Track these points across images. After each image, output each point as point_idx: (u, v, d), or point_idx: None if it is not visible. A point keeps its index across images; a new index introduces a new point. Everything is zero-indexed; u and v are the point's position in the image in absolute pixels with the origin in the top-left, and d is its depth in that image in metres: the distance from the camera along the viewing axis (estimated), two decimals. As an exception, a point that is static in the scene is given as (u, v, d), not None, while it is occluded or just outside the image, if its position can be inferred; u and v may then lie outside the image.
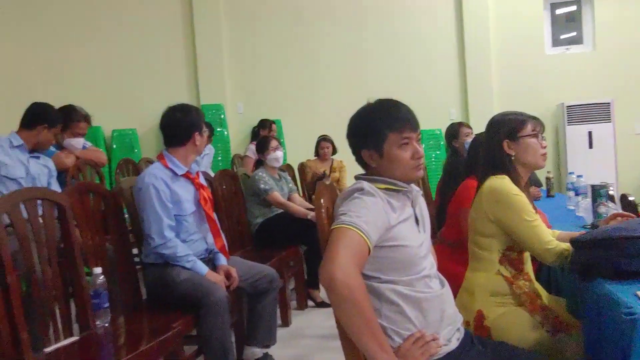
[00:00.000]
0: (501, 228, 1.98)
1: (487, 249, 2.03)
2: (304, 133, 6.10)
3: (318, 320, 3.88)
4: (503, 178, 2.02)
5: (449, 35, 7.02)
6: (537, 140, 2.06)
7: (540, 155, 2.07)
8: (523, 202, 1.97)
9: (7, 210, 2.08)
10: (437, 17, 7.03)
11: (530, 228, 1.93)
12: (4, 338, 1.93)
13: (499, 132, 2.08)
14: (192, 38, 7.07)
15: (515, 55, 6.93)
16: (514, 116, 2.10)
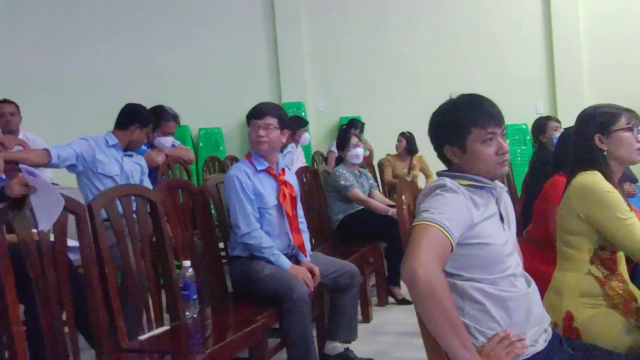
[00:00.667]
0: (592, 226, 1.90)
1: (576, 248, 1.95)
2: (383, 129, 6.08)
3: (399, 317, 3.86)
4: (594, 174, 1.93)
5: (535, 26, 6.77)
6: (631, 135, 1.95)
7: (635, 150, 1.96)
8: (616, 199, 1.87)
9: (105, 206, 2.21)
10: (523, 7, 6.78)
11: (624, 226, 1.83)
12: (103, 325, 2.06)
13: (590, 126, 1.99)
14: (274, 39, 7.22)
15: (608, 45, 6.57)
16: (606, 109, 2.00)
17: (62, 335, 1.94)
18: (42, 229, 1.92)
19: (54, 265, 1.94)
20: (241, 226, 2.70)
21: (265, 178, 2.83)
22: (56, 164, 3.18)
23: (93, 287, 2.06)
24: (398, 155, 5.94)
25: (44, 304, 1.89)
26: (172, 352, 2.15)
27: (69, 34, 7.06)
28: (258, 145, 2.80)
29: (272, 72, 7.28)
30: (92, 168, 3.26)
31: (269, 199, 2.80)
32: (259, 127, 2.78)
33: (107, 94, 6.58)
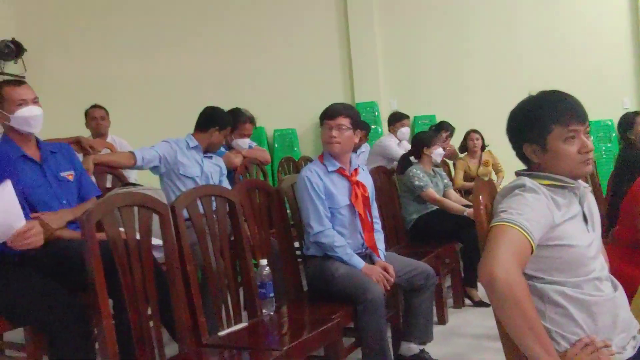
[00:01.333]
0: None
1: (667, 251, 1.85)
2: (458, 128, 5.96)
3: (475, 319, 3.79)
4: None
5: (620, 15, 6.44)
6: None
7: None
8: None
9: (187, 206, 2.30)
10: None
11: None
12: (185, 321, 2.15)
13: None
14: (347, 39, 7.24)
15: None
16: None
17: (148, 329, 2.03)
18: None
19: (139, 262, 2.04)
20: (313, 225, 2.73)
21: (337, 179, 2.85)
22: (140, 166, 3.34)
23: (176, 284, 2.15)
24: (471, 155, 5.82)
25: (130, 299, 1.99)
26: (250, 348, 2.20)
27: (152, 41, 7.36)
28: (330, 146, 2.82)
29: (345, 72, 7.30)
30: (174, 169, 3.40)
31: (341, 198, 2.81)
32: (331, 128, 2.80)
33: (188, 97, 6.81)
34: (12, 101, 2.46)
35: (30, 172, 2.48)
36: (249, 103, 6.16)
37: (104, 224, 1.96)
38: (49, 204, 2.44)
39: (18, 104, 2.46)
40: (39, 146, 2.58)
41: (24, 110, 2.46)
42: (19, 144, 2.50)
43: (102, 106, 4.92)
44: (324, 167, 2.84)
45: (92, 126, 4.88)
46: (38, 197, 2.43)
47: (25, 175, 2.44)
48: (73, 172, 2.62)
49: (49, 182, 2.51)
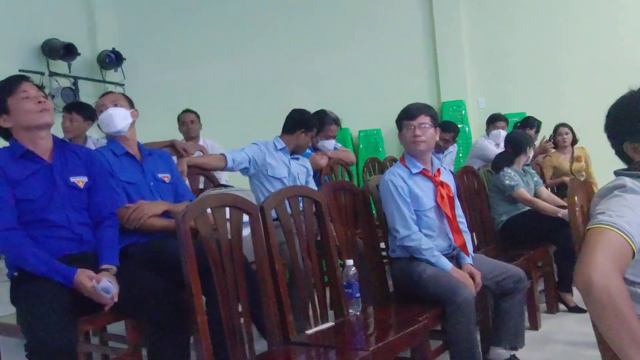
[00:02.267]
0: None
1: None
2: (550, 123, 5.72)
3: (570, 325, 3.62)
4: None
5: None
6: None
7: None
8: None
9: (275, 206, 2.36)
10: None
11: None
12: (274, 318, 2.20)
13: None
14: (432, 38, 7.14)
15: None
16: None
17: (239, 325, 2.10)
18: None
19: (231, 261, 2.12)
20: (399, 230, 2.72)
21: (421, 180, 2.82)
22: (231, 168, 3.46)
23: (265, 282, 2.21)
24: (560, 150, 5.55)
25: (223, 296, 2.07)
26: (337, 348, 2.22)
27: (239, 46, 7.59)
28: (415, 145, 2.79)
29: (430, 70, 7.20)
30: (263, 171, 3.50)
31: (426, 200, 2.78)
32: (414, 127, 2.78)
33: (275, 99, 6.98)
34: (98, 110, 2.73)
35: (131, 168, 2.64)
36: (333, 104, 6.21)
37: (198, 224, 2.05)
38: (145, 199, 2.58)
39: (100, 110, 2.70)
40: (139, 148, 2.75)
41: (102, 115, 2.69)
42: (122, 143, 2.69)
43: (192, 110, 5.13)
44: (407, 170, 2.82)
45: (184, 130, 5.11)
46: (136, 192, 2.58)
47: (125, 170, 2.61)
48: (169, 175, 2.75)
49: (146, 180, 2.65)
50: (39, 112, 2.23)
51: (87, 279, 2.07)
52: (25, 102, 2.22)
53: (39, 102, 2.23)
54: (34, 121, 2.23)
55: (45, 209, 2.18)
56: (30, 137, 2.24)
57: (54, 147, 2.32)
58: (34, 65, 6.35)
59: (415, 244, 2.69)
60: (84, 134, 4.30)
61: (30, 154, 2.23)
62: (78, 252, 2.23)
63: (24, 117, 2.22)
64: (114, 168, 2.59)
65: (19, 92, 2.22)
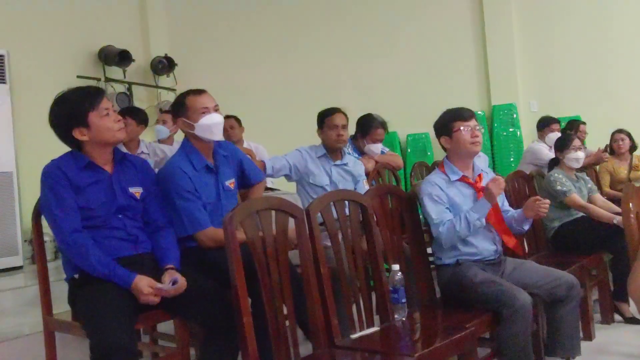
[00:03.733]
0: None
1: None
2: (603, 129, 5.53)
3: (626, 337, 3.48)
4: None
5: None
6: None
7: None
8: None
9: (321, 210, 2.37)
10: None
11: None
12: (319, 322, 2.21)
13: None
14: (482, 40, 7.01)
15: None
16: None
17: (284, 328, 2.11)
18: None
19: (277, 264, 2.13)
20: (433, 221, 2.70)
21: (461, 187, 2.79)
22: (271, 175, 3.47)
23: (310, 285, 2.21)
24: (617, 157, 5.36)
25: (268, 299, 2.08)
26: (382, 352, 2.20)
27: (286, 49, 7.65)
28: (474, 146, 2.77)
29: (480, 74, 7.07)
30: (305, 178, 3.49)
31: (466, 207, 2.74)
32: (472, 128, 2.75)
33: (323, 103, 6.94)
34: (196, 110, 2.59)
35: (209, 184, 2.61)
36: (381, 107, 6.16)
37: (244, 227, 2.07)
38: (216, 221, 2.52)
39: (202, 112, 2.59)
40: (214, 152, 2.69)
41: (206, 118, 2.58)
42: (202, 152, 2.63)
43: (232, 115, 5.20)
44: (446, 177, 2.79)
45: (225, 136, 5.17)
46: (210, 211, 2.57)
47: (205, 188, 2.58)
48: (234, 180, 2.73)
49: (219, 194, 2.63)
50: (119, 131, 2.29)
51: (147, 287, 2.12)
52: (107, 119, 2.26)
53: (118, 120, 2.29)
54: (113, 138, 2.28)
55: (104, 217, 2.25)
56: (98, 151, 2.29)
57: (115, 158, 2.37)
58: (91, 71, 6.55)
59: (447, 227, 2.66)
60: (137, 138, 4.43)
61: (92, 165, 2.29)
62: (134, 254, 2.29)
63: (104, 134, 2.26)
64: (197, 186, 2.53)
65: (101, 109, 2.25)
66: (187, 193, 2.51)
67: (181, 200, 2.50)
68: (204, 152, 2.64)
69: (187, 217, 2.50)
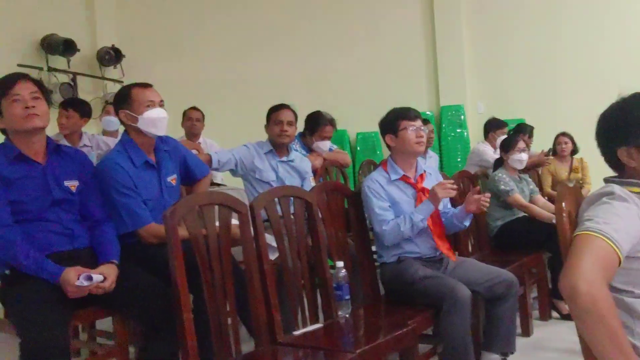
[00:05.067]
0: None
1: None
2: (548, 132, 5.70)
3: (562, 333, 3.60)
4: None
5: None
6: None
7: None
8: None
9: (265, 206, 2.35)
10: None
11: None
12: (262, 318, 2.19)
13: None
14: (432, 42, 7.11)
15: None
16: None
17: (226, 325, 2.09)
18: None
19: (219, 259, 2.10)
20: (377, 231, 2.72)
21: (401, 186, 2.82)
22: (216, 168, 3.44)
23: (253, 282, 2.19)
24: (559, 159, 5.54)
25: (210, 295, 2.05)
26: (324, 349, 2.21)
27: (241, 45, 7.57)
28: (419, 146, 2.81)
29: (429, 75, 7.18)
30: (251, 173, 3.47)
31: (405, 207, 2.77)
32: (417, 128, 2.79)
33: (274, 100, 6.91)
34: (141, 102, 2.52)
35: (150, 181, 2.53)
36: (332, 105, 6.17)
37: (186, 223, 2.03)
38: (159, 217, 2.42)
39: (146, 105, 2.52)
40: (155, 147, 2.62)
41: (152, 111, 2.51)
42: (142, 148, 2.55)
43: (199, 109, 5.16)
44: (387, 176, 2.82)
45: (187, 126, 5.14)
46: (153, 207, 2.50)
47: (146, 184, 2.51)
48: (176, 176, 2.68)
49: (161, 191, 2.57)
50: (26, 118, 2.16)
51: (74, 276, 2.04)
52: (14, 106, 2.15)
53: (26, 107, 2.16)
54: (22, 126, 2.17)
55: (38, 210, 2.17)
56: (23, 140, 2.20)
57: (48, 149, 2.27)
58: (33, 60, 6.31)
59: (391, 226, 2.68)
60: (79, 131, 4.29)
61: (23, 157, 2.19)
62: (71, 249, 2.21)
63: (13, 121, 2.17)
64: (136, 182, 2.47)
65: (11, 95, 2.15)
66: (125, 189, 2.44)
67: (120, 196, 2.43)
68: (145, 147, 2.57)
69: (127, 214, 2.43)
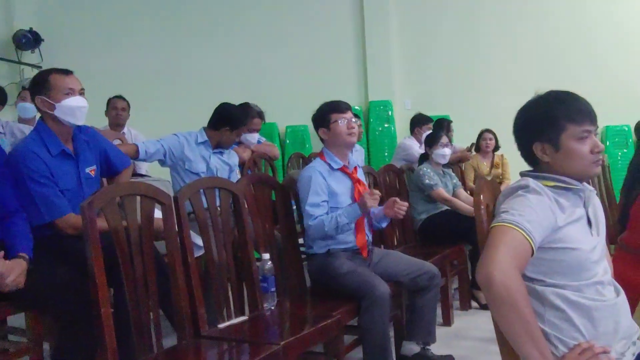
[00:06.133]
0: None
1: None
2: (472, 129, 5.91)
3: (481, 322, 3.75)
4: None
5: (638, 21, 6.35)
6: None
7: None
8: None
9: (190, 197, 2.30)
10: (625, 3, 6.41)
11: None
12: (185, 312, 2.14)
13: None
14: (362, 39, 7.20)
15: None
16: None
17: (147, 319, 2.03)
18: None
19: (140, 252, 2.04)
20: (308, 209, 2.71)
21: (340, 177, 2.84)
22: (144, 159, 3.34)
23: (176, 275, 2.14)
24: (482, 154, 5.76)
25: (130, 289, 1.99)
26: (249, 341, 2.19)
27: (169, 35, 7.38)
28: (351, 137, 2.83)
29: (359, 71, 7.27)
30: (180, 164, 3.39)
31: (344, 198, 2.80)
32: (349, 120, 2.82)
33: (205, 91, 6.79)
34: (60, 89, 2.39)
35: (68, 171, 2.43)
36: (263, 98, 6.11)
37: (105, 214, 1.96)
38: (77, 209, 2.34)
39: (66, 92, 2.40)
40: (73, 137, 2.50)
41: (71, 99, 2.39)
42: (59, 136, 2.43)
43: (125, 98, 4.98)
44: (328, 166, 2.83)
45: (112, 115, 4.95)
46: (70, 198, 2.39)
47: (63, 174, 2.40)
48: (96, 167, 2.57)
49: (79, 181, 2.47)
50: None
51: None
52: None
53: None
54: None
55: None
56: None
57: None
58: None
59: (317, 223, 2.69)
60: (-8, 117, 4.05)
61: None
62: None
63: None
64: (52, 171, 2.35)
65: None
66: (41, 178, 2.32)
67: (36, 185, 2.31)
68: (62, 136, 2.45)
69: (44, 204, 2.31)
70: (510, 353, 1.46)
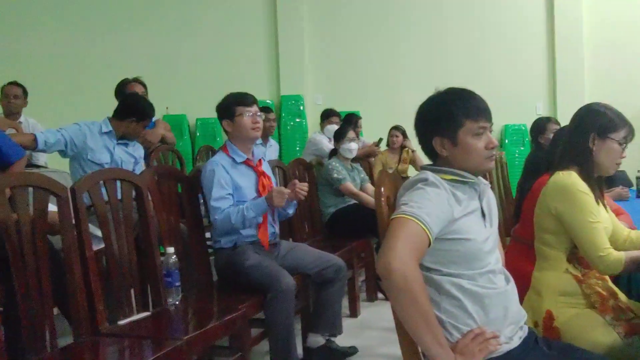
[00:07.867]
0: (562, 224, 1.90)
1: (554, 247, 1.94)
2: (382, 125, 6.05)
3: (387, 313, 3.78)
4: (570, 174, 1.93)
5: (538, 25, 6.77)
6: (620, 149, 1.97)
7: (615, 164, 2.00)
8: (588, 201, 1.88)
9: (89, 189, 2.19)
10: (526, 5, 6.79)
11: (588, 229, 1.85)
12: (82, 309, 2.05)
13: (593, 123, 1.98)
14: (275, 34, 7.20)
15: (611, 48, 6.54)
16: (613, 115, 2.00)
17: (41, 317, 1.92)
18: None
19: (33, 247, 1.93)
20: (213, 204, 2.68)
21: (244, 170, 2.83)
22: (43, 150, 3.17)
23: (73, 271, 2.04)
24: (391, 150, 5.92)
25: (21, 286, 1.88)
26: (151, 337, 2.14)
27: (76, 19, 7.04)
28: (255, 131, 2.81)
29: (271, 64, 7.26)
30: (83, 154, 3.24)
31: (248, 191, 2.79)
32: (254, 114, 2.79)
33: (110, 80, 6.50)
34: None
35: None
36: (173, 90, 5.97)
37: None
38: None
39: None
40: None
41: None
42: None
43: (20, 84, 4.66)
44: (231, 159, 2.80)
45: (4, 104, 4.63)
46: None
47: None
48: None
49: None
50: None
51: None
52: None
53: None
54: None
55: None
56: None
57: None
58: None
59: (223, 216, 2.66)
60: None
61: None
62: None
63: None
64: None
65: None
66: None
67: None
68: None
69: None
70: (408, 341, 1.51)
